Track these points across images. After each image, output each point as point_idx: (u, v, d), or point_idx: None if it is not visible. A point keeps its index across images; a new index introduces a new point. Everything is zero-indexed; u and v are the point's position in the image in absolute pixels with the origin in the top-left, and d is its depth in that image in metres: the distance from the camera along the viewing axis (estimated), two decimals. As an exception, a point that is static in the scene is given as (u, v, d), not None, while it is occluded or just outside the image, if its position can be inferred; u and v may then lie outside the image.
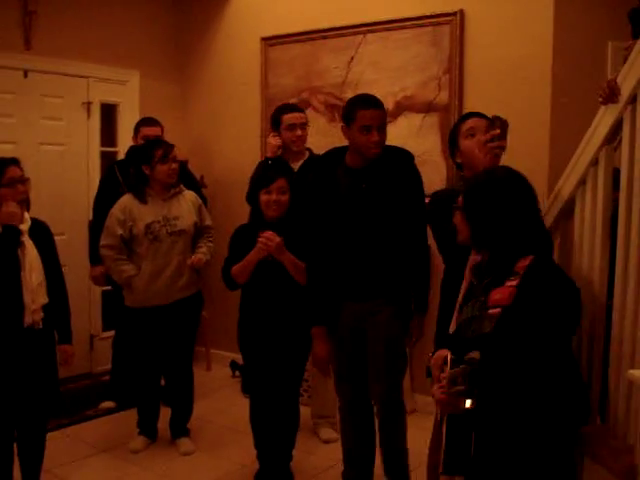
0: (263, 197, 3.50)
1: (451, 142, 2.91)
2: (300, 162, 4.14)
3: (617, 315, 2.40)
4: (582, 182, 2.58)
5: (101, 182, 4.82)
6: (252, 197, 3.60)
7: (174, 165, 3.95)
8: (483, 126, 2.70)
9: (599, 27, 4.22)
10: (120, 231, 3.91)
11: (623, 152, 2.43)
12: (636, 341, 2.30)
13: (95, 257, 4.60)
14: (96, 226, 4.59)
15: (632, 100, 2.35)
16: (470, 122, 2.80)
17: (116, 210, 3.96)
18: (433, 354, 2.32)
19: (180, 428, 4.21)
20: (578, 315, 2.22)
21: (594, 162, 2.53)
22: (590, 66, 4.15)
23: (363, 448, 3.39)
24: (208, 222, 4.13)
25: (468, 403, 2.00)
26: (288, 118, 4.12)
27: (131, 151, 4.65)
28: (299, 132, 4.11)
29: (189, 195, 4.12)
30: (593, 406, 2.47)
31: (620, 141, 2.47)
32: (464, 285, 2.42)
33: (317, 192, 3.22)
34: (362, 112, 3.04)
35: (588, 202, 2.54)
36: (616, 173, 2.50)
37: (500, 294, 2.13)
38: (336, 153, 3.23)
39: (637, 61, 2.33)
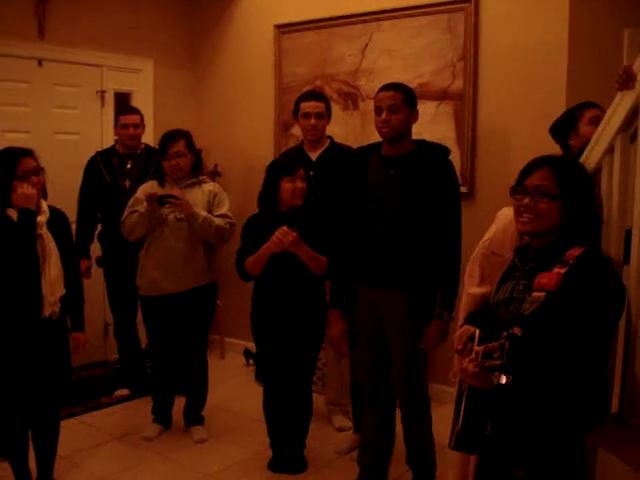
0: (287, 185, 3.50)
1: (567, 124, 3.00)
2: (319, 151, 4.12)
3: (634, 307, 2.38)
4: (598, 170, 2.55)
5: (84, 173, 4.76)
6: (271, 185, 3.58)
7: (174, 162, 3.95)
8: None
9: (615, 14, 4.16)
10: (137, 208, 3.96)
11: (640, 139, 2.40)
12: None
13: (81, 251, 4.58)
14: (81, 217, 4.61)
15: (649, 86, 2.32)
16: (594, 111, 2.93)
17: (139, 191, 4.07)
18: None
19: (194, 416, 4.22)
20: (621, 313, 2.18)
21: (610, 149, 2.50)
22: (606, 53, 4.10)
23: (381, 436, 3.36)
24: (222, 211, 4.03)
25: (504, 379, 1.98)
26: (304, 106, 4.10)
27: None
28: (313, 121, 4.06)
29: (208, 186, 4.10)
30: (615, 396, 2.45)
31: (637, 128, 2.44)
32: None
33: (350, 177, 3.27)
34: (376, 95, 3.19)
35: (604, 189, 2.52)
36: None
37: (547, 279, 2.11)
38: (376, 144, 3.27)
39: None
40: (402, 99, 3.12)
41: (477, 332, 2.17)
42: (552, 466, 2.13)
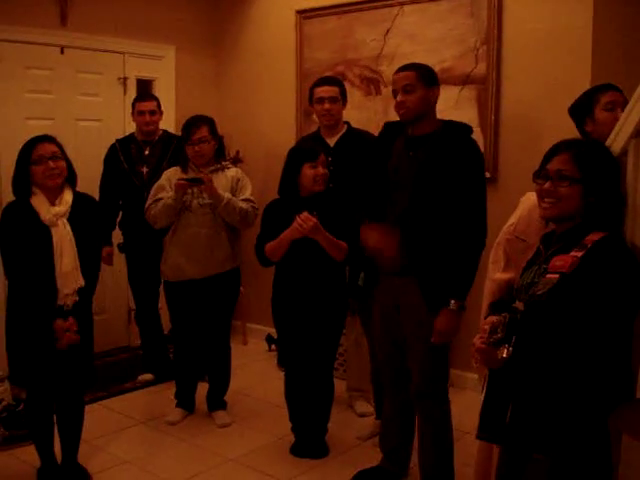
0: (309, 171, 3.50)
1: (583, 110, 2.88)
2: (337, 137, 4.08)
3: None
4: (624, 154, 2.52)
5: (104, 160, 4.79)
6: (292, 170, 3.57)
7: (197, 148, 3.94)
8: (622, 102, 2.66)
9: (641, -4, 4.11)
10: (161, 195, 3.98)
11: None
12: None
13: (103, 238, 4.57)
14: (102, 205, 4.59)
15: (676, 69, 2.28)
16: (610, 95, 2.81)
17: (162, 178, 4.08)
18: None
19: (217, 401, 4.25)
20: (638, 299, 2.13)
21: (636, 134, 2.47)
22: (631, 36, 4.04)
23: (402, 423, 3.33)
24: (245, 195, 4.03)
25: (505, 352, 1.98)
26: (317, 91, 4.07)
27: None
28: (327, 106, 4.01)
29: (230, 171, 4.10)
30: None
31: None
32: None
33: (373, 156, 3.23)
34: (392, 78, 3.14)
35: (629, 174, 2.49)
36: None
37: (562, 261, 2.10)
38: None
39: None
40: (416, 78, 3.02)
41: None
42: (574, 450, 2.12)
